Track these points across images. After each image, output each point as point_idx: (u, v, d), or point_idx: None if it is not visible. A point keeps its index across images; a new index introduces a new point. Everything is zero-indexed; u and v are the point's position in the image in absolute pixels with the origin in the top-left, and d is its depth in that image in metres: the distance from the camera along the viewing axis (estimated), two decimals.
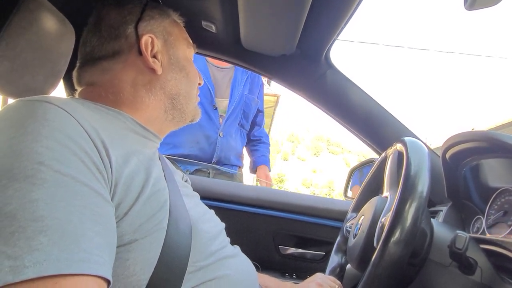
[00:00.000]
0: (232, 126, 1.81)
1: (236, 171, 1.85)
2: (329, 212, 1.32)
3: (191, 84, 0.76)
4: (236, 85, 1.82)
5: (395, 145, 0.77)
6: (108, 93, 0.66)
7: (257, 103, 1.92)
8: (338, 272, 0.90)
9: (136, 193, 0.52)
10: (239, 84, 1.82)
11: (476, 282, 0.59)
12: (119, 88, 0.66)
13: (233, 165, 1.85)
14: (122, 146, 0.55)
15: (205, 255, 0.59)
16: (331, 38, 0.97)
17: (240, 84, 1.82)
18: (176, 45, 0.74)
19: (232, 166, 1.84)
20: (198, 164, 1.72)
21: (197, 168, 1.72)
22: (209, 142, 1.74)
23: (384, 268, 0.54)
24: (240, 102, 1.82)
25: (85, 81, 0.69)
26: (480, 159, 0.78)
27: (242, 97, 1.83)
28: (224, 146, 1.77)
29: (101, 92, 0.66)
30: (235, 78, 1.82)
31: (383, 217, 0.66)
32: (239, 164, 1.89)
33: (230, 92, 1.80)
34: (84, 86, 0.69)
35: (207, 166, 1.73)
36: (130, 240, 0.50)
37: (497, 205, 0.76)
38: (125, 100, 0.66)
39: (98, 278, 0.41)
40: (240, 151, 1.89)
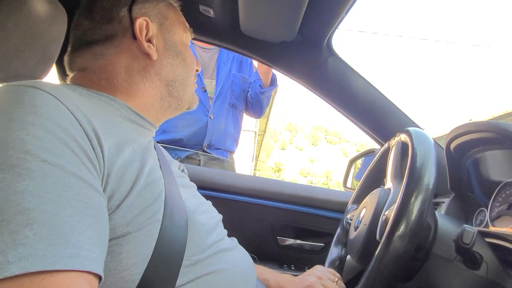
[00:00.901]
0: (222, 107, 1.76)
1: (227, 156, 1.81)
2: (328, 203, 1.30)
3: (188, 70, 0.73)
4: (221, 64, 1.77)
5: (399, 135, 0.75)
6: (101, 79, 0.63)
7: (247, 80, 1.85)
8: (337, 264, 0.88)
9: (129, 183, 0.50)
10: (225, 63, 1.78)
11: (482, 277, 0.57)
12: (113, 74, 0.64)
13: (226, 150, 1.80)
14: (115, 134, 0.53)
15: (201, 248, 0.57)
16: (334, 24, 0.94)
17: (226, 64, 1.78)
18: (172, 29, 0.71)
19: (224, 151, 1.80)
20: (188, 151, 1.69)
21: (188, 155, 1.69)
22: (199, 125, 1.70)
23: (388, 263, 0.53)
24: (227, 81, 1.78)
25: (77, 66, 0.66)
26: (485, 151, 0.76)
27: (229, 76, 1.78)
28: (216, 128, 1.73)
29: (94, 77, 0.63)
30: (220, 58, 1.78)
31: (386, 210, 0.64)
32: (231, 148, 1.84)
33: (216, 72, 1.76)
34: (76, 71, 0.66)
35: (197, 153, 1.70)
36: (123, 233, 0.47)
37: (501, 197, 0.74)
38: (119, 86, 0.64)
39: (88, 274, 0.39)
40: (233, 134, 1.84)
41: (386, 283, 0.54)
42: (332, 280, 0.76)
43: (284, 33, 1.00)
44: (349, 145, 56.07)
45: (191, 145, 1.69)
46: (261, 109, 1.88)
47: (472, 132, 0.73)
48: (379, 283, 0.54)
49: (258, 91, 1.80)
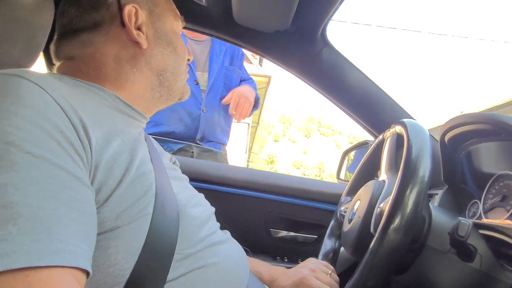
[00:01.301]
0: (214, 100, 1.74)
1: (220, 148, 1.79)
2: (322, 194, 1.30)
3: (179, 59, 0.71)
4: (214, 57, 1.74)
5: (394, 127, 0.74)
6: (88, 68, 0.61)
7: (239, 74, 1.83)
8: (331, 256, 0.88)
9: (118, 176, 0.48)
10: (217, 56, 1.75)
11: (475, 269, 0.57)
12: (101, 63, 0.62)
13: (218, 142, 1.79)
14: (103, 125, 0.51)
15: (193, 242, 0.56)
16: (328, 14, 0.93)
17: (218, 56, 1.75)
18: (162, 17, 0.69)
19: (217, 143, 1.79)
20: (181, 143, 1.67)
21: (181, 147, 1.67)
22: (192, 118, 1.68)
23: (382, 256, 0.52)
24: (220, 74, 1.75)
25: (64, 54, 0.64)
26: (480, 143, 0.76)
27: (222, 69, 1.75)
28: (208, 121, 1.71)
29: (81, 66, 0.61)
30: (213, 50, 1.75)
31: (381, 202, 0.63)
32: (224, 140, 1.83)
33: (209, 65, 1.73)
34: (62, 60, 0.64)
35: (190, 145, 1.68)
36: (112, 227, 0.46)
37: (494, 189, 0.74)
38: (108, 76, 0.62)
39: (75, 269, 0.37)
40: (224, 126, 1.82)
41: (380, 275, 0.53)
42: (326, 273, 0.76)
43: (277, 22, 0.98)
44: (342, 137, 56.33)
45: (183, 138, 1.67)
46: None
47: (466, 124, 0.73)
48: (374, 276, 0.53)
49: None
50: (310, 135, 55.85)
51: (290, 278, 0.76)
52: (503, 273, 0.56)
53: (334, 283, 0.74)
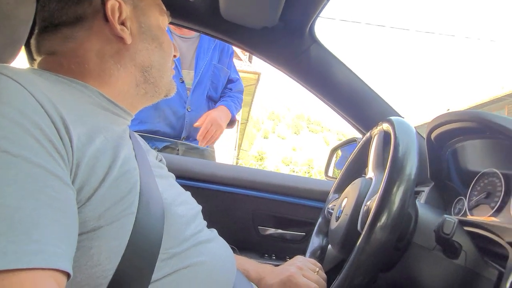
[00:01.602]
0: (200, 98, 1.71)
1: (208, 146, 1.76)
2: (310, 192, 1.30)
3: (165, 55, 0.70)
4: (201, 54, 1.71)
5: (381, 124, 0.74)
6: (71, 64, 0.59)
7: (227, 73, 1.80)
8: (318, 254, 0.88)
9: (101, 174, 0.47)
10: (205, 53, 1.72)
11: (460, 266, 0.57)
12: (83, 58, 0.60)
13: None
14: (86, 122, 0.50)
15: (179, 241, 0.55)
16: (316, 11, 0.92)
17: (206, 53, 1.72)
18: (147, 12, 0.67)
19: None
20: (167, 141, 1.65)
21: (166, 145, 1.65)
22: (176, 117, 1.66)
23: (369, 253, 0.52)
24: (208, 72, 1.72)
25: (45, 49, 0.62)
26: (465, 140, 0.77)
27: (209, 67, 1.72)
28: (193, 120, 1.68)
29: (63, 62, 0.59)
30: (200, 47, 1.71)
31: (368, 200, 0.64)
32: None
33: (195, 62, 1.70)
34: (43, 55, 0.62)
35: (176, 143, 1.66)
36: (94, 227, 0.45)
37: (479, 186, 0.75)
38: (91, 72, 0.60)
39: (55, 271, 0.36)
40: None
41: (367, 273, 0.53)
42: (313, 270, 0.76)
43: (265, 18, 0.97)
44: (331, 134, 56.71)
45: (168, 137, 1.65)
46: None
47: (453, 122, 0.73)
48: (361, 273, 0.53)
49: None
50: (300, 132, 56.09)
51: (277, 276, 0.76)
52: (487, 269, 0.57)
53: (321, 281, 0.74)
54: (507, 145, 0.66)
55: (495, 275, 0.55)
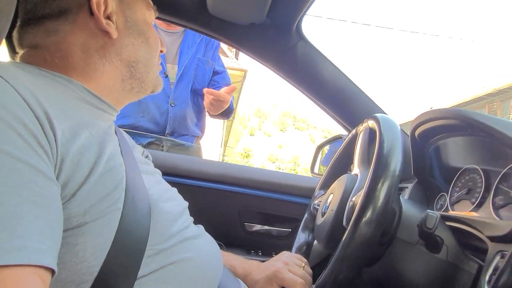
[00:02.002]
0: (184, 93, 1.69)
1: (193, 142, 1.75)
2: (296, 188, 1.31)
3: (152, 50, 0.69)
4: (185, 48, 1.69)
5: (367, 121, 0.75)
6: (54, 57, 0.58)
7: (212, 65, 1.78)
8: (304, 249, 0.89)
9: (86, 170, 0.46)
10: (189, 47, 1.70)
11: (442, 260, 0.59)
12: (67, 52, 0.58)
13: (192, 135, 1.75)
14: (70, 117, 0.49)
15: (165, 237, 0.55)
16: (303, 8, 0.93)
17: (190, 47, 1.70)
18: (133, 6, 0.66)
19: (191, 137, 1.74)
20: (151, 137, 1.62)
21: (150, 141, 1.62)
22: (160, 112, 1.63)
23: (354, 248, 0.53)
24: (192, 65, 1.70)
25: (28, 43, 0.60)
26: (448, 137, 0.78)
27: (193, 60, 1.70)
28: (177, 115, 1.66)
29: (46, 56, 0.58)
30: (184, 41, 1.70)
31: (353, 196, 0.64)
32: (197, 133, 1.78)
33: (179, 56, 1.69)
34: (26, 48, 0.60)
35: (160, 139, 1.64)
36: (79, 223, 0.44)
37: (461, 183, 0.77)
38: (75, 66, 0.59)
39: (39, 268, 0.36)
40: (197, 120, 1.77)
41: (352, 267, 0.54)
42: (299, 266, 0.77)
43: (252, 15, 0.97)
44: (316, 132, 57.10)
45: (151, 132, 1.63)
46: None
47: (436, 119, 0.75)
48: (346, 268, 0.54)
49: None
50: (286, 129, 56.29)
51: (263, 271, 0.76)
52: (468, 263, 0.59)
53: (307, 276, 0.75)
54: (488, 142, 0.68)
55: (475, 268, 0.57)
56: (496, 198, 0.64)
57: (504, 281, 0.43)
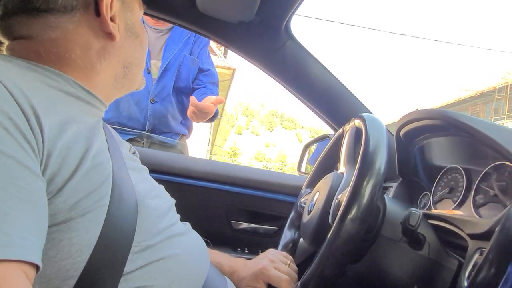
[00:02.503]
0: (165, 90, 1.66)
1: (176, 140, 1.72)
2: (282, 186, 1.32)
3: (143, 52, 0.70)
4: (170, 44, 1.67)
5: (353, 121, 0.76)
6: (49, 53, 0.56)
7: (197, 63, 1.74)
8: (290, 247, 0.90)
9: (73, 166, 0.46)
10: (175, 43, 1.67)
11: (424, 257, 0.60)
12: (65, 49, 0.57)
13: (176, 133, 1.72)
14: (58, 112, 0.48)
15: (152, 234, 0.55)
16: (292, 7, 0.93)
17: (176, 44, 1.67)
18: (132, 8, 0.66)
19: (173, 134, 1.71)
20: (131, 133, 1.61)
21: (131, 137, 1.60)
22: (140, 109, 1.61)
23: (339, 245, 0.54)
24: (176, 62, 1.67)
25: (19, 33, 0.57)
26: (431, 138, 0.80)
27: (178, 57, 1.67)
28: (158, 112, 1.63)
29: (40, 50, 0.56)
30: (170, 38, 1.68)
31: (339, 194, 0.65)
32: (182, 131, 1.75)
33: (163, 52, 1.66)
34: (15, 39, 0.58)
35: (141, 135, 1.62)
36: (65, 219, 0.44)
37: (443, 182, 0.79)
38: (71, 63, 0.57)
39: (23, 263, 0.36)
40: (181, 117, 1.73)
41: (337, 264, 0.55)
42: (285, 263, 0.78)
43: (242, 13, 0.97)
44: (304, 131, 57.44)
45: (132, 127, 1.60)
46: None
47: (420, 119, 0.76)
48: (331, 264, 0.55)
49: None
50: (273, 128, 56.44)
51: (250, 269, 0.77)
52: (449, 259, 0.60)
53: (292, 273, 0.76)
54: (469, 142, 0.70)
55: (456, 264, 0.59)
56: (477, 196, 0.66)
57: (482, 277, 0.45)
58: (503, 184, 0.61)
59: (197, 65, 1.74)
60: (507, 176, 0.61)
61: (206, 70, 1.77)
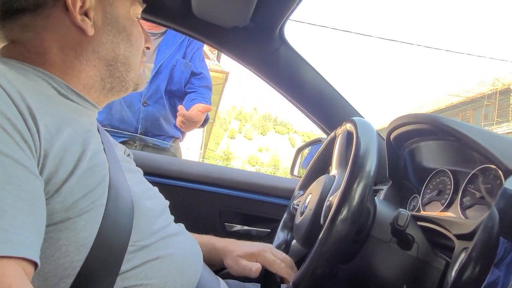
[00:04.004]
0: (157, 93, 1.66)
1: (169, 143, 1.71)
2: (275, 189, 1.33)
3: (133, 48, 0.65)
4: (163, 46, 1.67)
5: (345, 124, 0.78)
6: (31, 54, 0.56)
7: (190, 66, 1.73)
8: (283, 248, 0.91)
9: (70, 167, 0.47)
10: (168, 46, 1.68)
11: (413, 257, 0.62)
12: (43, 48, 0.56)
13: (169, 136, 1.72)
14: (53, 113, 0.49)
15: (147, 234, 0.56)
16: (286, 13, 0.95)
17: (169, 47, 1.68)
18: (115, 1, 0.62)
19: (167, 137, 1.72)
20: (124, 135, 1.60)
21: (123, 140, 1.60)
22: (132, 111, 1.61)
23: (330, 245, 0.55)
24: (168, 65, 1.66)
25: (5, 37, 0.58)
26: (420, 141, 0.82)
27: (171, 60, 1.67)
28: (150, 115, 1.63)
29: (24, 51, 0.56)
30: (164, 41, 1.68)
31: (331, 195, 0.67)
32: (175, 134, 1.74)
33: (156, 55, 1.66)
34: (5, 43, 0.59)
35: (133, 138, 1.62)
36: (62, 219, 0.45)
37: (432, 185, 0.81)
38: (53, 63, 0.57)
39: (22, 260, 0.37)
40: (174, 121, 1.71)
41: (328, 264, 0.56)
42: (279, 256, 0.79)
43: (236, 18, 0.99)
44: (296, 135, 57.57)
45: (125, 130, 1.60)
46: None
47: (409, 124, 0.78)
48: (322, 264, 0.56)
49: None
50: (266, 133, 56.44)
51: (247, 247, 0.79)
52: (436, 259, 0.62)
53: (288, 258, 0.77)
54: (457, 146, 0.72)
55: (443, 264, 0.61)
56: (464, 199, 0.68)
57: (467, 275, 0.46)
58: (489, 186, 0.63)
59: (189, 69, 1.73)
60: (492, 179, 0.63)
61: (199, 73, 1.76)
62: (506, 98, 15.41)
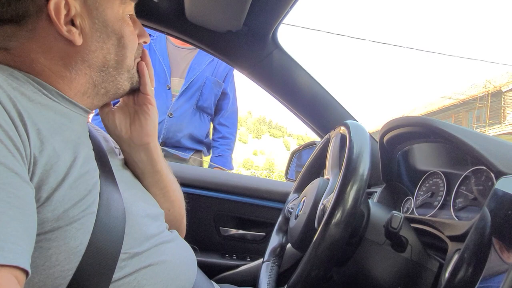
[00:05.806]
0: (185, 106, 1.74)
1: (189, 155, 1.77)
2: (270, 193, 1.33)
3: (126, 50, 0.62)
4: (195, 64, 1.76)
5: (338, 128, 0.78)
6: (18, 62, 0.54)
7: (221, 85, 1.84)
8: (278, 252, 0.90)
9: (61, 174, 0.46)
10: (199, 64, 1.77)
11: (406, 259, 0.62)
12: (29, 58, 0.54)
13: (188, 148, 1.77)
14: (44, 119, 0.49)
15: (140, 241, 0.55)
16: (279, 17, 0.96)
17: (200, 65, 1.77)
18: (102, 5, 0.58)
19: (186, 149, 1.77)
20: None
21: None
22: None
23: (324, 248, 0.55)
24: (198, 82, 1.76)
25: None
26: (413, 144, 0.83)
27: (201, 77, 1.76)
28: (173, 127, 1.70)
29: (10, 60, 0.54)
30: (196, 58, 1.77)
31: (324, 199, 0.67)
32: (196, 147, 1.81)
33: (187, 71, 1.75)
34: None
35: None
36: (52, 228, 0.44)
37: (425, 187, 0.81)
38: (42, 72, 0.55)
39: (14, 268, 0.36)
40: (197, 135, 1.80)
41: (323, 266, 0.56)
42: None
43: (230, 22, 0.99)
44: (291, 139, 57.53)
45: None
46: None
47: (402, 126, 0.79)
48: (317, 266, 0.56)
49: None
50: (261, 136, 56.38)
51: None
52: (430, 261, 0.62)
53: None
54: (448, 148, 0.73)
55: (437, 266, 0.61)
56: (457, 200, 0.69)
57: (460, 276, 0.47)
58: (481, 188, 0.64)
59: (220, 88, 1.84)
60: (484, 180, 0.63)
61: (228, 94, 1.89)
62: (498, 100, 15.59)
